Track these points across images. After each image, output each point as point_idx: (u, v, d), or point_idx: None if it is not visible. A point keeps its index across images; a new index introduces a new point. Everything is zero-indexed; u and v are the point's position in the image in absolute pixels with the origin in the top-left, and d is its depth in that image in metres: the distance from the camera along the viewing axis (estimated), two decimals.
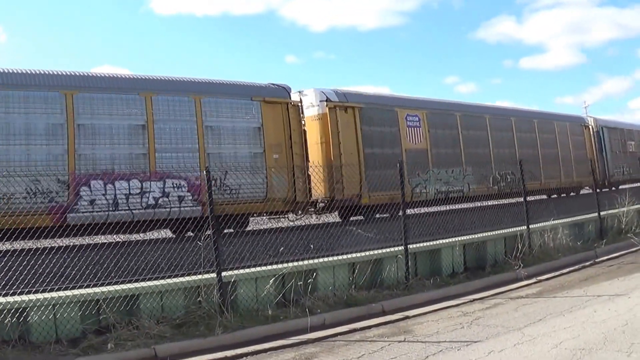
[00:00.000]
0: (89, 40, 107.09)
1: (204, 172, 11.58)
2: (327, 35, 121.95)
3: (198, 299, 10.97)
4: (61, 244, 12.98)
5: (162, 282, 11.02)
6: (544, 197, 29.74)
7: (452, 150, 25.56)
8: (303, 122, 20.61)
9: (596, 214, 20.59)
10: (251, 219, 19.01)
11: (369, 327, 10.83)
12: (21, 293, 10.15)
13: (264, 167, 18.71)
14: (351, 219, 20.61)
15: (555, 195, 31.70)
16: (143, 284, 10.87)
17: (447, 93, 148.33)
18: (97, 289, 10.45)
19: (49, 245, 12.72)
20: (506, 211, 20.22)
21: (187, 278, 11.27)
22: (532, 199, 21.71)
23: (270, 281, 11.65)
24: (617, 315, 10.33)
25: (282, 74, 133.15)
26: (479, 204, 23.17)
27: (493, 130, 27.62)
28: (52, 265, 11.59)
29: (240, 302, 11.32)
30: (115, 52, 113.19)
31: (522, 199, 17.98)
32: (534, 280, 14.57)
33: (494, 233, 16.97)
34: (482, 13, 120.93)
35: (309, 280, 12.09)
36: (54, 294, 9.96)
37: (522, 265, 15.24)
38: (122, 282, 11.06)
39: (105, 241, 15.69)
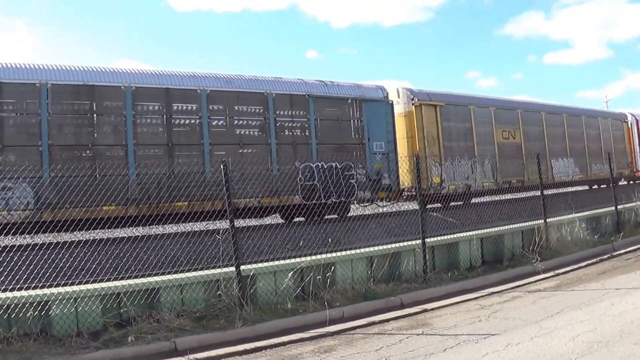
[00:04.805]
0: (108, 34, 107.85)
1: (222, 167, 11.54)
2: (349, 31, 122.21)
3: (218, 293, 11.00)
4: (81, 238, 13.12)
5: (182, 275, 11.10)
6: None
7: None
8: None
9: (613, 208, 20.51)
10: None
11: (388, 320, 10.84)
12: (43, 286, 10.28)
13: None
14: None
15: None
16: (163, 277, 10.91)
17: (467, 88, 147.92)
18: (118, 283, 10.56)
19: (69, 240, 12.86)
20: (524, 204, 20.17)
21: (207, 272, 11.34)
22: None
23: (289, 275, 11.69)
24: (635, 308, 10.30)
25: (302, 68, 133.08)
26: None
27: None
28: (72, 259, 11.70)
29: (260, 296, 11.39)
30: (134, 47, 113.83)
31: None
32: (551, 273, 14.55)
33: (511, 227, 16.94)
34: (510, 9, 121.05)
35: (328, 274, 12.14)
36: (76, 288, 10.06)
37: (539, 258, 15.19)
38: (143, 276, 11.14)
39: (124, 235, 15.80)
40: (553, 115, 31.03)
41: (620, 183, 34.58)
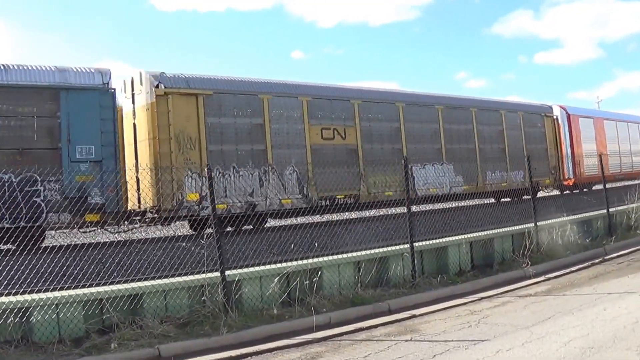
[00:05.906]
0: (90, 35, 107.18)
1: (206, 169, 11.37)
2: (336, 30, 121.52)
3: (202, 298, 10.82)
4: (62, 243, 12.97)
5: (165, 281, 10.89)
6: None
7: None
8: None
9: (605, 211, 20.38)
10: None
11: (376, 326, 10.71)
12: (24, 292, 10.09)
13: None
14: None
15: None
16: (146, 283, 10.75)
17: (456, 89, 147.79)
18: (100, 288, 10.36)
19: (51, 245, 12.70)
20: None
21: (191, 277, 11.15)
22: None
23: (275, 280, 11.51)
24: (628, 313, 10.19)
25: (288, 69, 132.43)
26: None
27: None
28: (54, 264, 11.53)
29: (245, 301, 11.21)
30: (117, 47, 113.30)
31: None
32: (542, 278, 14.40)
33: (501, 230, 16.77)
34: (499, 8, 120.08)
35: (314, 279, 11.94)
36: (57, 294, 9.89)
37: (530, 263, 15.09)
38: (126, 281, 10.98)
39: (106, 240, 15.64)
40: (420, 107, 24.48)
41: (540, 194, 29.43)
